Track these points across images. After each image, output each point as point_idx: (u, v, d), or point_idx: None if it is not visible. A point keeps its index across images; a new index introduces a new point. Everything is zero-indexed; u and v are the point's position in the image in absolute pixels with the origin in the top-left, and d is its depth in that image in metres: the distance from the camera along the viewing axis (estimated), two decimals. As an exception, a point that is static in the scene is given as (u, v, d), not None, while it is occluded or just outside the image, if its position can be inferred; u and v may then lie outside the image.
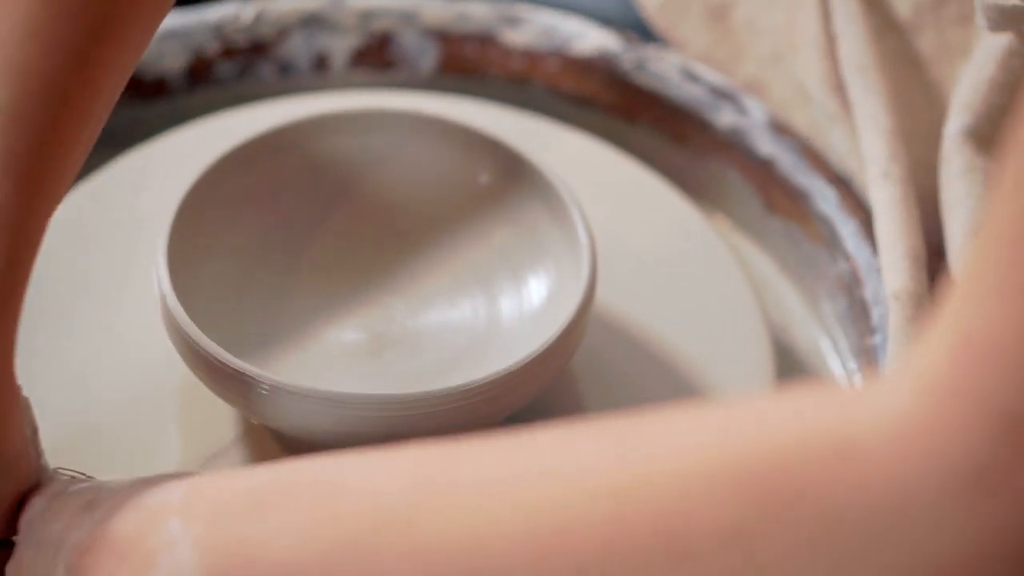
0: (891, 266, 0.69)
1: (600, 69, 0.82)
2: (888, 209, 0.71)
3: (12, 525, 0.57)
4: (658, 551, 0.43)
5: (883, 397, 0.42)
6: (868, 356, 0.70)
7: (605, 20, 0.83)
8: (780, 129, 0.78)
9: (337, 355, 0.68)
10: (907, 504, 0.41)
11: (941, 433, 0.41)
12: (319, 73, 0.83)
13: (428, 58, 0.83)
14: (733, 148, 0.79)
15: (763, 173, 0.78)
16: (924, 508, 0.41)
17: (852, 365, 0.73)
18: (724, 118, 0.79)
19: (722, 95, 0.79)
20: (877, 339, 0.70)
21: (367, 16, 0.83)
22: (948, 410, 0.41)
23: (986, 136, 0.72)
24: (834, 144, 0.76)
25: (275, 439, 0.67)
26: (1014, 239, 0.41)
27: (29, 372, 0.68)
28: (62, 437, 0.66)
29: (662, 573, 0.43)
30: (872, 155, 0.73)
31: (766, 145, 0.78)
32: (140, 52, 0.62)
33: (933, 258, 0.71)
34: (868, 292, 0.71)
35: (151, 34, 0.63)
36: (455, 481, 0.47)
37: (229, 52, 0.82)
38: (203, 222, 0.68)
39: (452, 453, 0.48)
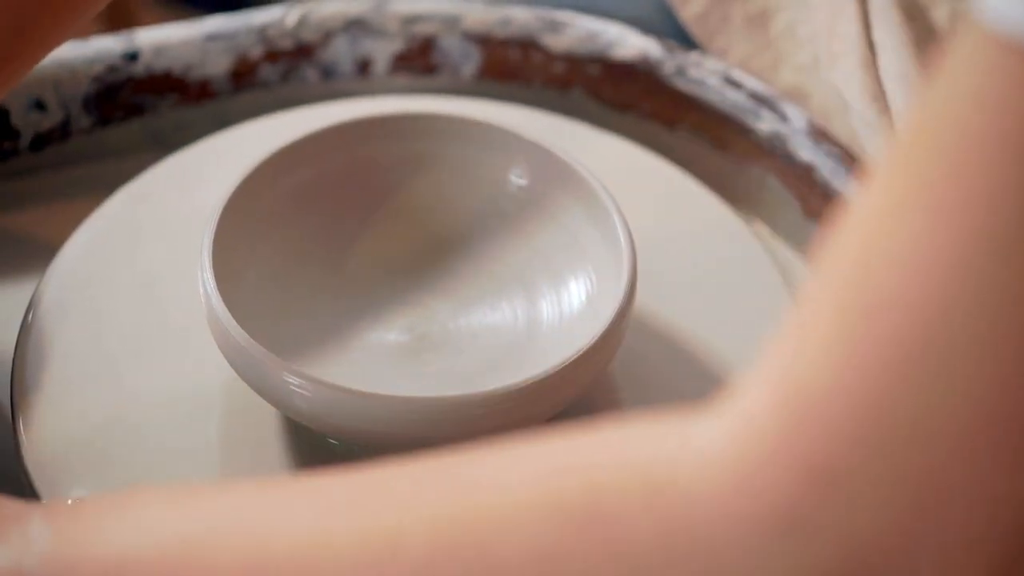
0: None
1: (641, 74, 0.82)
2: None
3: None
4: (474, 570, 0.45)
5: (707, 436, 0.44)
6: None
7: (644, 28, 0.83)
8: (820, 136, 0.78)
9: (380, 356, 0.68)
10: (715, 543, 0.43)
11: (758, 483, 0.42)
12: (362, 77, 0.83)
13: (470, 63, 0.83)
14: (773, 154, 0.79)
15: (803, 179, 0.78)
16: (732, 548, 0.43)
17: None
18: (764, 124, 0.79)
19: (762, 101, 0.79)
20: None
21: (410, 20, 0.83)
22: (768, 461, 0.42)
23: None
24: (874, 153, 0.76)
25: (316, 439, 0.67)
26: (855, 306, 0.42)
27: (72, 369, 0.69)
28: (104, 436, 0.67)
29: None
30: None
31: (806, 151, 0.78)
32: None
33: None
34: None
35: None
36: (290, 499, 0.50)
37: (273, 55, 0.83)
38: (247, 224, 0.68)
39: (289, 484, 0.51)
